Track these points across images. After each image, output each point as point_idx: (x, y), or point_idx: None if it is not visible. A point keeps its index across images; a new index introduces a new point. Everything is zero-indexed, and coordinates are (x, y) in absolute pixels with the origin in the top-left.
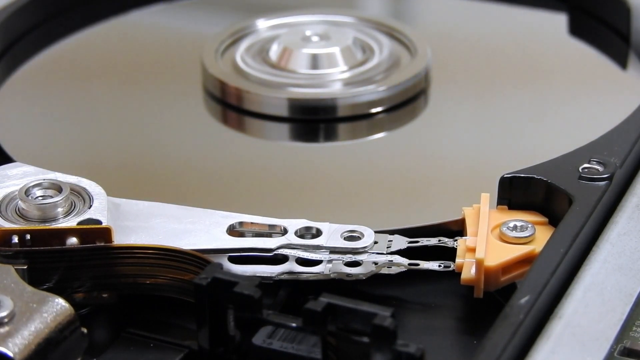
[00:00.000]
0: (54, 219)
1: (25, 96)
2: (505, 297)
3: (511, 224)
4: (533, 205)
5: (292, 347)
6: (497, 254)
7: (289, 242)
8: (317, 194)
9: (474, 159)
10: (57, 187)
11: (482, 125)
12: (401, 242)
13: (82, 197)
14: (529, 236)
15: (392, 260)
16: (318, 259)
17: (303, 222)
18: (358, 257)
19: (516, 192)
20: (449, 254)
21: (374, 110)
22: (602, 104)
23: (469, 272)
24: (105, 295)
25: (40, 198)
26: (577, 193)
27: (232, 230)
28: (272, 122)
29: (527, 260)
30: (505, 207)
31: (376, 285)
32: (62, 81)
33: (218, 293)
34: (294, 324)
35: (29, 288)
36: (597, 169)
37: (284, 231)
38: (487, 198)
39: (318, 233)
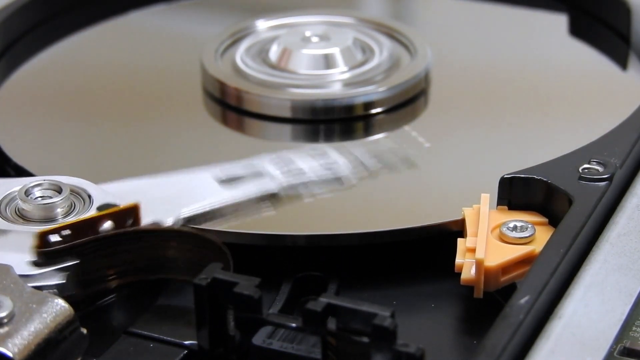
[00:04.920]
0: (54, 220)
1: (25, 97)
2: (505, 297)
3: (511, 224)
4: (533, 205)
5: (292, 347)
6: (497, 254)
7: (285, 173)
8: (317, 195)
9: (474, 159)
10: (57, 188)
11: (482, 125)
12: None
13: (81, 197)
14: (529, 236)
15: None
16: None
17: (271, 158)
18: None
19: (516, 193)
20: (450, 256)
21: (374, 111)
22: (602, 104)
23: (469, 272)
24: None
25: (40, 198)
26: (577, 193)
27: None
28: (272, 123)
29: (527, 261)
30: (505, 207)
31: (376, 285)
32: (62, 81)
33: (218, 293)
34: (293, 324)
35: (29, 288)
36: (597, 170)
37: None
38: (487, 198)
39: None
